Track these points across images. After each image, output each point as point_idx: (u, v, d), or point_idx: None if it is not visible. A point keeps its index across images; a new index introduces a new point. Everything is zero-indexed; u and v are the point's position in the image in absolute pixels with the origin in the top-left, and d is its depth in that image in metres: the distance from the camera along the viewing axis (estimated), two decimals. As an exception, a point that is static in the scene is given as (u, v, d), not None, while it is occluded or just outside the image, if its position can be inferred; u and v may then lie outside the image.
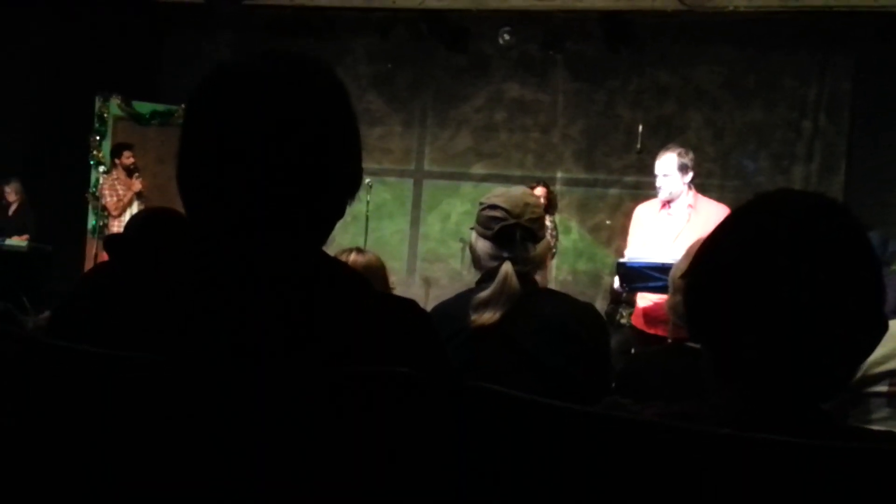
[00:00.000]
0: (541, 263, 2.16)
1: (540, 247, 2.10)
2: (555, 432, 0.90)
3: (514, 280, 2.01)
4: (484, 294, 2.02)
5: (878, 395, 1.86)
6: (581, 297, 2.34)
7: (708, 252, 1.03)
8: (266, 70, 0.98)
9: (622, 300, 4.86)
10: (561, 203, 7.40)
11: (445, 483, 0.93)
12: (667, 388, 1.96)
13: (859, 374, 1.86)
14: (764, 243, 0.96)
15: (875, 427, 1.85)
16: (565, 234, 7.23)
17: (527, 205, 2.10)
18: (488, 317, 1.97)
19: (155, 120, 7.73)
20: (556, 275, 7.18)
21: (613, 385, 2.27)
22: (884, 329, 0.98)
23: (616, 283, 4.27)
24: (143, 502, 0.89)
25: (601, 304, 6.62)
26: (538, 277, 2.19)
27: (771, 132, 7.45)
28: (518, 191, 2.19)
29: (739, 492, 0.83)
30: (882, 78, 7.25)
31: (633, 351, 4.17)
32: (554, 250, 6.14)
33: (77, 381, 0.92)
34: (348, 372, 0.89)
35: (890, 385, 1.85)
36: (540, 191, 5.82)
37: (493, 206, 2.12)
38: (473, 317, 1.99)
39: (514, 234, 2.08)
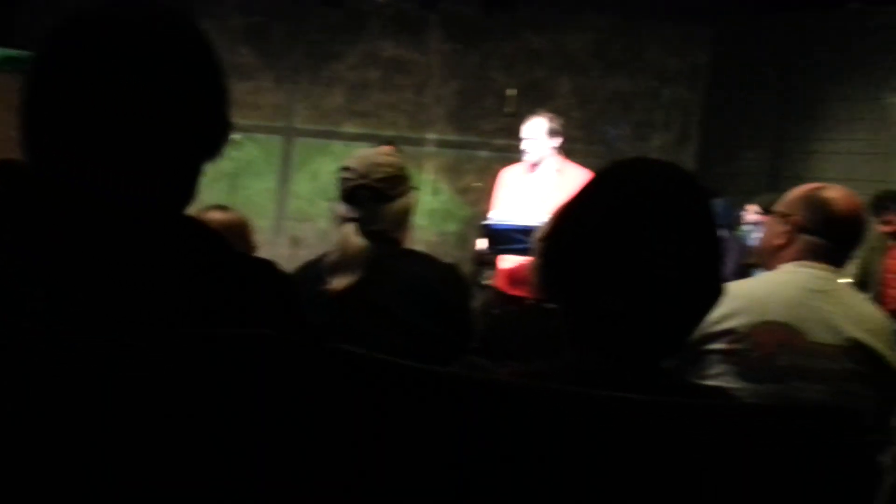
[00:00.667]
0: (400, 223, 2.16)
1: (396, 206, 2.11)
2: (408, 393, 0.91)
3: (355, 241, 2.02)
4: (330, 258, 2.04)
5: (716, 352, 1.98)
6: (449, 259, 2.38)
7: (564, 216, 1.07)
8: (124, 18, 0.95)
9: (486, 261, 4.94)
10: (431, 164, 7.45)
11: (302, 446, 0.94)
12: (526, 348, 2.04)
13: (699, 333, 1.99)
14: (617, 210, 1.01)
15: (711, 382, 1.98)
16: (435, 196, 7.29)
17: (375, 164, 2.09)
18: (341, 281, 1.98)
19: (7, 66, 7.24)
20: (423, 236, 7.24)
21: (476, 345, 2.34)
22: (721, 292, 1.06)
23: (481, 244, 4.35)
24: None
25: (467, 266, 6.74)
26: (401, 237, 2.20)
27: (634, 100, 7.71)
28: (372, 151, 2.19)
29: (586, 448, 0.87)
30: (737, 51, 7.62)
31: (494, 312, 4.27)
32: None
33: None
34: (200, 334, 0.88)
35: (727, 343, 1.98)
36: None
37: (345, 168, 2.13)
38: (330, 282, 2.00)
39: (360, 194, 2.09)
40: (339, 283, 2.00)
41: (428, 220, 7.22)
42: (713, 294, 1.04)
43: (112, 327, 0.88)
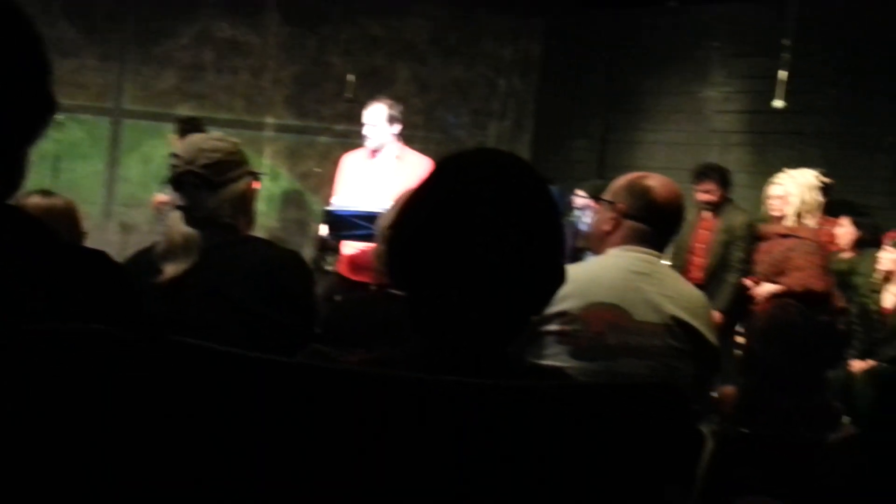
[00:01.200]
0: (236, 210, 2.10)
1: (227, 193, 2.05)
2: (252, 383, 0.90)
3: (180, 229, 1.97)
4: (159, 248, 1.98)
5: (551, 333, 2.07)
6: (289, 245, 2.35)
7: (410, 204, 1.08)
8: None
9: (328, 247, 4.92)
10: (270, 149, 7.31)
11: (148, 441, 0.91)
12: (370, 335, 2.05)
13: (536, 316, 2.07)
14: (456, 199, 1.02)
15: (547, 361, 2.07)
16: (274, 181, 7.16)
17: (201, 150, 2.03)
18: (172, 269, 1.93)
19: None
20: (264, 222, 7.11)
21: (319, 332, 2.33)
22: (563, 278, 1.10)
23: (323, 230, 4.33)
24: None
25: (309, 252, 6.68)
26: (241, 223, 2.14)
27: (471, 89, 7.86)
28: (201, 136, 2.13)
29: (430, 434, 0.88)
30: (568, 44, 7.92)
31: (337, 298, 4.26)
32: None
33: None
34: (27, 330, 0.83)
35: (560, 324, 2.07)
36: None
37: (173, 154, 2.07)
38: (160, 271, 1.94)
39: (187, 181, 2.03)
40: (169, 271, 1.93)
41: (268, 206, 7.08)
42: (555, 280, 1.08)
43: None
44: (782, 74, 5.37)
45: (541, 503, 0.88)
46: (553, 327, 2.07)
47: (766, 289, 4.59)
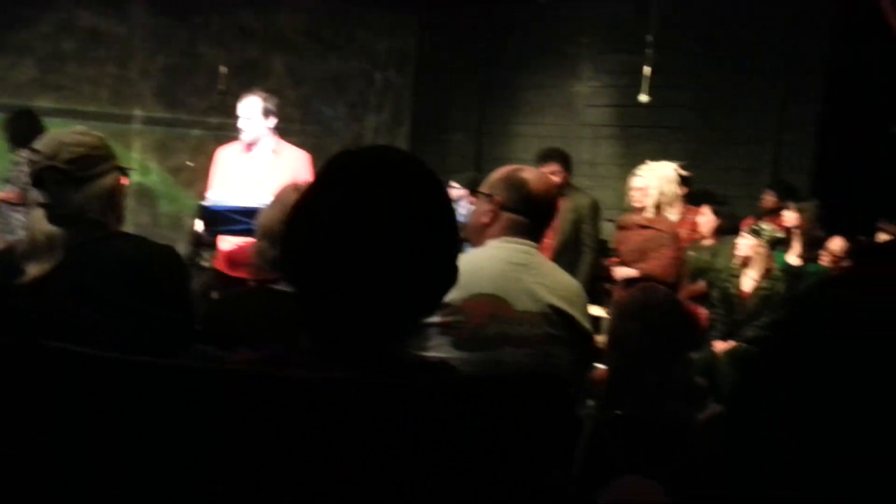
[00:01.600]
0: (104, 206, 2.03)
1: (92, 189, 1.98)
2: (135, 387, 0.88)
3: (42, 227, 1.90)
4: (20, 247, 1.90)
5: (434, 325, 2.09)
6: (163, 241, 2.28)
7: (304, 201, 1.06)
8: None
9: (204, 242, 4.80)
10: (140, 142, 7.06)
11: (28, 452, 0.88)
12: (250, 332, 2.02)
13: (418, 308, 2.10)
14: (353, 197, 1.01)
15: (431, 353, 2.09)
16: (145, 176, 6.92)
17: (63, 144, 1.95)
18: (35, 269, 1.85)
19: None
20: (134, 218, 6.86)
21: (198, 328, 2.27)
22: (456, 277, 1.08)
23: (198, 225, 4.22)
24: None
25: (183, 248, 6.49)
26: (110, 220, 2.06)
27: (347, 82, 7.83)
28: (62, 131, 2.04)
29: (323, 431, 0.88)
30: (443, 38, 7.99)
31: (214, 295, 4.18)
32: None
33: None
34: None
35: (442, 316, 2.09)
36: None
37: (33, 150, 1.98)
38: (24, 271, 1.86)
39: (48, 177, 1.96)
40: (33, 271, 1.85)
41: (138, 202, 6.84)
42: (448, 278, 1.07)
43: None
44: (646, 70, 5.60)
45: (430, 494, 0.90)
46: (436, 319, 2.09)
47: (624, 271, 4.79)
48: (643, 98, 5.50)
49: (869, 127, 6.03)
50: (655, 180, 4.85)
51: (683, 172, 5.05)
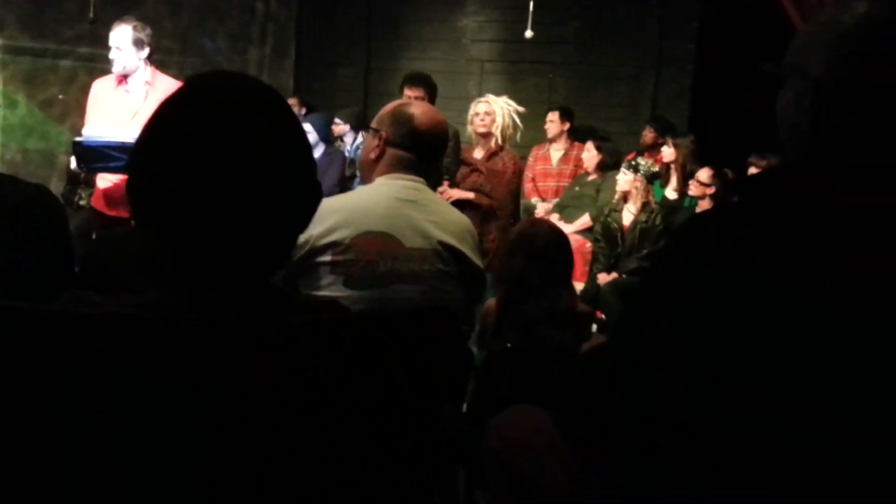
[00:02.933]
0: None
1: None
2: (16, 334, 0.85)
3: None
4: None
5: (324, 264, 2.09)
6: (34, 179, 2.16)
7: (147, 138, 1.01)
8: None
9: (81, 181, 4.59)
10: (4, 74, 6.63)
11: None
12: (132, 273, 1.96)
13: (308, 247, 2.08)
14: (203, 128, 0.98)
15: (322, 292, 2.09)
16: (11, 110, 6.52)
17: None
18: None
19: None
20: (3, 154, 6.48)
21: (77, 272, 2.18)
22: (319, 196, 1.09)
23: (73, 163, 4.03)
24: None
25: (57, 186, 6.19)
26: None
27: (227, 11, 7.53)
28: None
29: (211, 376, 0.87)
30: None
31: (93, 235, 4.03)
32: None
33: None
34: None
35: (332, 255, 2.09)
36: None
37: None
38: None
39: None
40: None
41: (6, 137, 6.46)
42: (310, 205, 1.07)
43: None
44: (531, 5, 5.62)
45: (319, 435, 0.91)
46: (325, 258, 2.08)
47: (455, 192, 4.83)
48: (528, 34, 5.53)
49: (742, 63, 6.26)
50: (499, 108, 4.88)
51: (520, 109, 5.08)
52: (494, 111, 4.85)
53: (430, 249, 2.12)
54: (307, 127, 7.29)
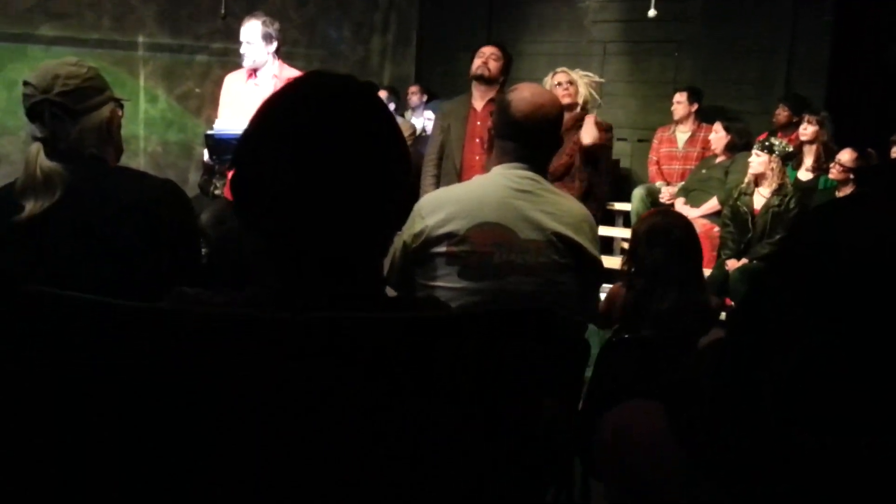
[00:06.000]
0: (101, 139, 1.98)
1: (89, 121, 1.93)
2: (124, 332, 0.88)
3: (39, 162, 1.88)
4: (18, 183, 1.88)
5: (440, 255, 2.11)
6: (173, 169, 2.27)
7: (250, 139, 1.04)
8: None
9: (215, 171, 4.79)
10: (145, 70, 6.99)
11: (11, 397, 0.89)
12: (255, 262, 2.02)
13: (424, 237, 2.11)
14: (298, 131, 1.00)
15: (438, 282, 2.12)
16: (151, 103, 6.88)
17: (56, 76, 1.90)
18: (32, 207, 1.82)
19: None
20: (144, 146, 6.85)
21: (206, 263, 2.28)
22: (411, 202, 1.09)
23: (206, 156, 4.22)
24: None
25: (194, 176, 6.50)
26: (107, 154, 2.04)
27: (351, 2, 7.68)
28: (55, 62, 2.00)
29: (315, 370, 0.88)
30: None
31: (227, 223, 4.20)
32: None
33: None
34: None
35: (448, 246, 2.11)
36: None
37: (25, 83, 1.95)
38: (22, 207, 1.84)
39: (43, 111, 1.93)
40: (31, 208, 1.84)
41: (148, 130, 6.82)
42: (402, 206, 1.07)
43: None
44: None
45: (419, 433, 0.92)
46: (441, 249, 2.10)
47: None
48: (651, 13, 5.38)
49: (882, 36, 5.89)
50: (578, 78, 4.61)
51: (599, 79, 4.80)
52: (576, 80, 4.61)
53: (545, 241, 2.10)
54: (429, 114, 7.39)
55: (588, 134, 4.21)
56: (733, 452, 1.12)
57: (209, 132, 4.00)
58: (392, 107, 6.96)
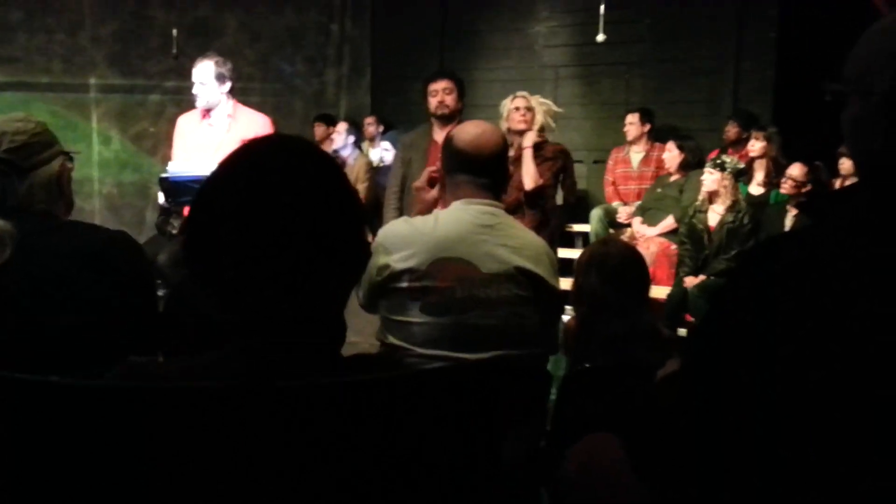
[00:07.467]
0: (50, 194, 1.96)
1: (37, 177, 1.91)
2: (59, 409, 0.87)
3: None
4: None
5: (402, 290, 2.12)
6: (129, 209, 2.24)
7: (203, 203, 1.04)
8: None
9: (173, 211, 4.75)
10: (98, 112, 6.95)
11: None
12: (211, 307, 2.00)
13: (388, 271, 2.11)
14: (251, 194, 1.00)
15: (401, 317, 2.11)
16: (105, 145, 6.82)
17: (3, 134, 1.87)
18: None
19: None
20: (99, 188, 6.79)
21: (171, 297, 2.24)
22: (368, 254, 1.10)
23: (161, 198, 4.18)
24: None
25: (151, 215, 6.44)
26: (58, 208, 2.01)
27: (304, 36, 7.70)
28: (1, 119, 1.97)
29: (265, 438, 0.88)
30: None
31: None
32: None
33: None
34: None
35: (409, 281, 2.11)
36: None
37: None
38: None
39: None
40: None
41: (102, 172, 6.76)
42: (356, 262, 1.08)
43: None
44: (602, 8, 5.56)
45: (387, 491, 0.92)
46: (403, 284, 2.11)
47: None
48: (600, 37, 5.47)
49: (828, 49, 6.04)
50: (536, 104, 4.56)
51: (556, 109, 4.78)
52: (535, 107, 4.57)
53: (506, 275, 2.12)
54: (386, 145, 7.41)
55: (528, 177, 4.16)
56: (692, 484, 1.13)
57: (164, 175, 3.96)
58: (351, 139, 6.96)
